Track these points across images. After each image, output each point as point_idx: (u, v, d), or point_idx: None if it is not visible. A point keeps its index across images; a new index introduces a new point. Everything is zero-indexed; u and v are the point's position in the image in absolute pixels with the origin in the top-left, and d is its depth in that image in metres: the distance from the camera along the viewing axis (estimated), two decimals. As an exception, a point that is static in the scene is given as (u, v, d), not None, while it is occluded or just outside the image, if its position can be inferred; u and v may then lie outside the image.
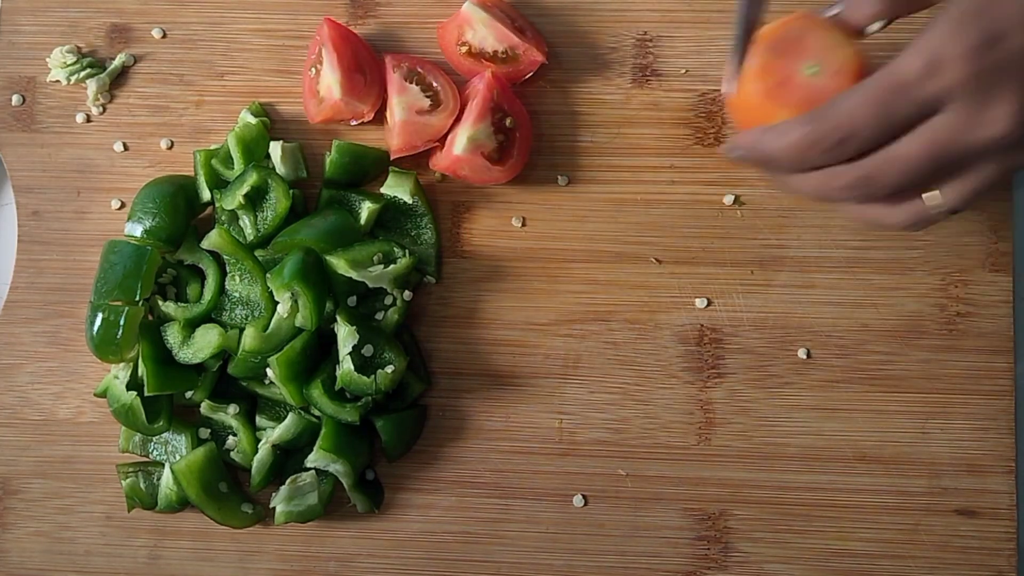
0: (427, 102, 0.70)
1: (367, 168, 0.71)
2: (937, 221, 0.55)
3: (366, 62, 0.71)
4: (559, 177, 0.72)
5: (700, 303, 0.70)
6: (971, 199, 0.53)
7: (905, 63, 0.50)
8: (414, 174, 0.71)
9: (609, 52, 0.73)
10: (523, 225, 0.72)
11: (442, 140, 0.70)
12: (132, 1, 0.75)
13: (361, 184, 0.72)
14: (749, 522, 0.69)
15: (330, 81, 0.70)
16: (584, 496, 0.70)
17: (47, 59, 0.74)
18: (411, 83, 0.70)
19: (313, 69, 0.71)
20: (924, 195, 0.53)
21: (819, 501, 0.69)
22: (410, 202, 0.70)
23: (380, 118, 0.72)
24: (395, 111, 0.70)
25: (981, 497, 0.68)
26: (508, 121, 0.69)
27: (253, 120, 0.71)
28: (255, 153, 0.70)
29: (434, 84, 0.70)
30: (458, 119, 0.69)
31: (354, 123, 0.72)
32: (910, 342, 0.69)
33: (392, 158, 0.71)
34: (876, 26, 0.57)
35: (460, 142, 0.68)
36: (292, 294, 0.66)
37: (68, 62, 0.74)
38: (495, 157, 0.69)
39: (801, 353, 0.70)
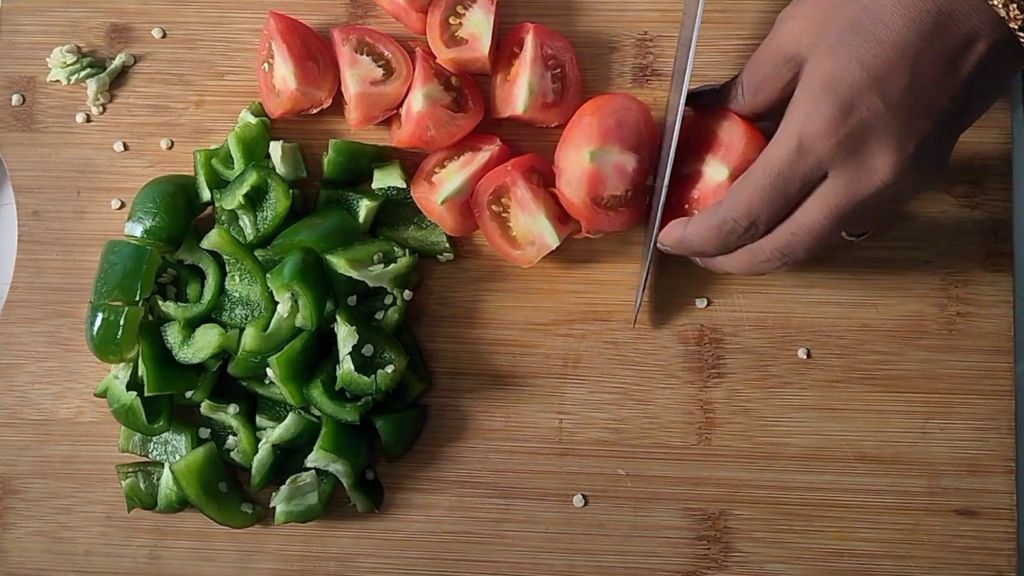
0: (380, 72, 0.70)
1: (363, 166, 0.71)
2: (845, 246, 0.63)
3: (316, 49, 0.71)
4: (559, 177, 0.72)
5: (700, 303, 0.70)
6: (873, 227, 0.63)
7: (779, 149, 0.56)
8: (397, 161, 0.71)
9: (609, 52, 0.73)
10: (523, 225, 0.72)
11: (398, 120, 0.71)
12: (132, 1, 0.75)
13: (359, 183, 0.72)
14: (749, 522, 0.69)
15: (284, 73, 0.70)
16: (584, 496, 0.70)
17: (47, 59, 0.75)
18: (362, 54, 0.70)
19: (266, 64, 0.72)
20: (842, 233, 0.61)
21: (819, 501, 0.69)
22: (404, 187, 0.70)
23: (340, 106, 0.72)
24: (349, 85, 0.70)
25: (981, 497, 0.68)
26: (453, 80, 0.70)
27: (253, 120, 0.71)
28: (255, 153, 0.70)
29: (385, 53, 0.71)
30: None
31: (315, 111, 0.72)
32: (910, 342, 0.69)
33: (353, 130, 0.71)
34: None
35: (416, 102, 0.68)
36: (292, 294, 0.66)
37: (68, 62, 0.74)
38: (455, 108, 0.69)
39: (801, 353, 0.70)
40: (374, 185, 0.71)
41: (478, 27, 0.70)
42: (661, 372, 0.70)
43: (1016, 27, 0.52)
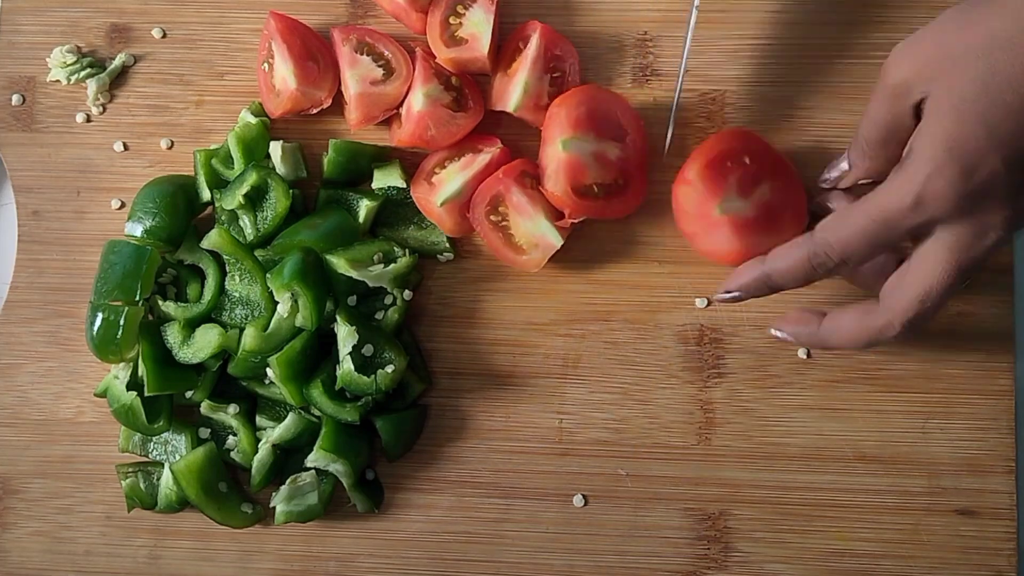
0: (380, 72, 0.70)
1: (363, 166, 0.71)
2: None
3: (316, 49, 0.71)
4: (559, 177, 0.72)
5: (700, 303, 0.70)
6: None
7: (892, 200, 0.55)
8: (397, 161, 0.71)
9: (609, 52, 0.73)
10: (523, 225, 0.72)
11: (398, 119, 0.71)
12: (132, 1, 0.75)
13: (359, 183, 0.72)
14: (749, 522, 0.69)
15: (284, 73, 0.70)
16: (584, 496, 0.70)
17: (47, 59, 0.75)
18: (362, 54, 0.70)
19: (266, 64, 0.72)
20: None
21: (819, 501, 0.69)
22: (404, 187, 0.70)
23: (340, 106, 0.72)
24: (349, 85, 0.70)
25: (981, 497, 0.68)
26: (453, 80, 0.70)
27: (253, 120, 0.71)
28: (255, 153, 0.70)
29: (385, 53, 0.71)
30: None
31: (315, 111, 0.72)
32: (910, 342, 0.69)
33: (352, 130, 0.71)
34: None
35: (417, 101, 0.69)
36: (292, 294, 0.66)
37: (68, 62, 0.74)
38: (455, 107, 0.69)
39: (801, 353, 0.70)
40: (374, 185, 0.71)
41: (478, 27, 0.70)
42: (661, 372, 0.70)
43: None
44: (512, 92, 0.69)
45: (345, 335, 0.66)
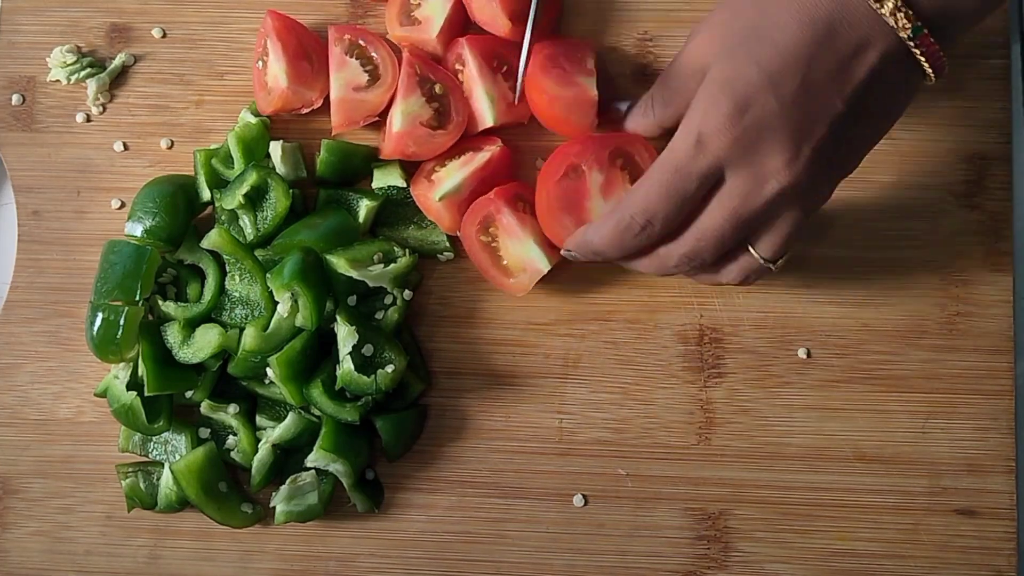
0: (365, 77, 0.70)
1: (357, 166, 0.71)
2: (765, 273, 0.61)
3: (312, 49, 0.71)
4: (559, 177, 0.72)
5: (700, 303, 0.70)
6: (784, 247, 0.59)
7: (677, 145, 0.56)
8: (396, 160, 0.71)
9: (609, 52, 0.73)
10: (523, 225, 0.72)
11: (384, 126, 0.71)
12: (132, 1, 0.75)
13: (353, 182, 0.72)
14: (749, 522, 0.69)
15: (276, 71, 0.70)
16: (584, 496, 0.70)
17: (47, 59, 0.75)
18: (351, 57, 0.70)
19: (261, 61, 0.72)
20: (750, 248, 0.60)
21: (819, 501, 0.69)
22: (404, 186, 0.70)
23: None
24: (332, 88, 0.70)
25: (981, 497, 0.68)
26: (437, 88, 0.70)
27: (253, 120, 0.71)
28: (255, 153, 0.70)
29: (374, 56, 0.71)
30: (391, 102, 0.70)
31: (305, 111, 0.72)
32: (910, 342, 0.69)
33: (333, 134, 0.71)
34: None
35: (396, 120, 0.68)
36: (292, 294, 0.66)
37: (68, 62, 0.74)
38: (435, 124, 0.69)
39: (801, 353, 0.70)
40: (374, 185, 0.71)
41: (433, 10, 0.70)
42: (661, 372, 0.70)
43: (906, 36, 0.53)
44: (482, 110, 0.69)
45: (345, 335, 0.66)
